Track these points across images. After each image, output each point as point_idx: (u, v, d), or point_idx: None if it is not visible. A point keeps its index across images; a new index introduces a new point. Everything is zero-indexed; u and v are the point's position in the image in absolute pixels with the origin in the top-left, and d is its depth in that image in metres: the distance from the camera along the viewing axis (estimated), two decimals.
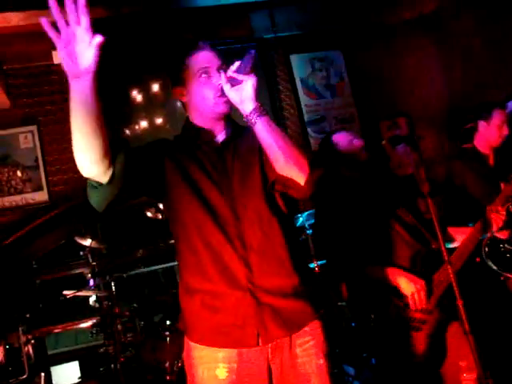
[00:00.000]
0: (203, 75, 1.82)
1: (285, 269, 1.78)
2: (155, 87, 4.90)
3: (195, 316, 1.79)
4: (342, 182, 2.67)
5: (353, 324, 3.10)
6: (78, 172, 5.23)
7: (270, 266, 1.76)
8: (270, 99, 5.12)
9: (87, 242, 4.20)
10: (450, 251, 2.39)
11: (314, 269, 3.82)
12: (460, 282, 2.10)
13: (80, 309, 5.03)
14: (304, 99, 5.20)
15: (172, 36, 4.85)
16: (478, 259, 2.97)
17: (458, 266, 2.46)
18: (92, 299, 4.19)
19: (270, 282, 1.75)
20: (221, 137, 1.90)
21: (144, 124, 4.79)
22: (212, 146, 1.87)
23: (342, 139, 2.79)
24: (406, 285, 2.37)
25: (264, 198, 1.80)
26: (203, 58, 1.83)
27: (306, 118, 5.17)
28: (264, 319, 1.73)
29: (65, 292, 4.10)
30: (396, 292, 2.40)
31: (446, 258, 2.14)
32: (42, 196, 4.53)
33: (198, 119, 1.90)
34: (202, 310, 1.77)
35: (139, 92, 4.87)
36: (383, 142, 5.26)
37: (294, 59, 5.23)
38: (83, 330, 4.58)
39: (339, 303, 3.83)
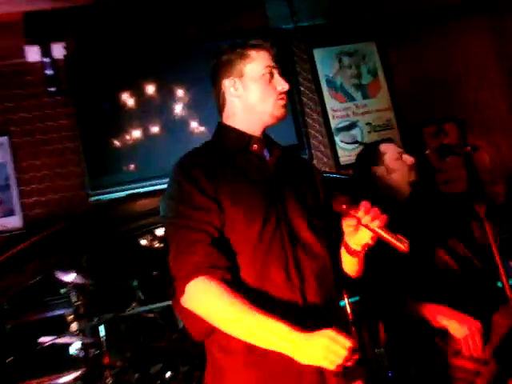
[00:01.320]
0: (267, 74, 2.00)
1: (336, 308, 1.99)
2: (150, 90, 4.96)
3: (236, 376, 1.84)
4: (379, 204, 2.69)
5: (390, 374, 3.08)
6: (58, 192, 5.25)
7: (324, 304, 1.89)
8: (289, 103, 5.14)
9: (70, 278, 4.23)
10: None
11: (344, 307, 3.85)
12: None
13: (60, 359, 5.04)
14: (330, 102, 5.23)
15: (173, 28, 4.92)
16: None
17: None
18: (75, 347, 4.21)
19: (325, 322, 1.79)
20: (267, 152, 2.04)
21: (137, 134, 4.84)
22: (264, 162, 2.00)
23: (390, 151, 2.80)
24: (458, 327, 2.36)
25: (319, 220, 1.99)
26: (270, 57, 2.02)
27: (332, 124, 5.18)
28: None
29: (42, 339, 4.11)
30: (443, 335, 2.38)
31: (511, 296, 2.12)
32: (14, 222, 4.57)
33: (242, 123, 2.04)
34: (246, 370, 1.82)
35: (131, 96, 4.92)
36: (427, 153, 5.29)
37: (318, 54, 5.28)
38: None
39: (376, 350, 3.81)
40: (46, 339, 4.07)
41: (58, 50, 4.77)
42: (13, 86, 4.82)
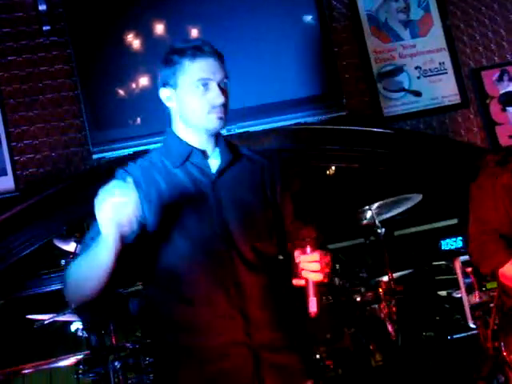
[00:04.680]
0: (201, 87, 2.23)
1: (283, 320, 2.25)
2: (159, 29, 4.93)
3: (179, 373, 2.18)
4: None
5: None
6: (55, 149, 5.24)
7: (269, 317, 2.20)
8: (321, 44, 5.09)
9: (70, 247, 4.26)
10: None
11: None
12: None
13: (59, 340, 5.13)
14: (372, 42, 5.16)
15: None
16: None
17: None
18: (76, 326, 4.26)
19: (269, 335, 2.19)
20: (215, 161, 2.31)
21: (145, 81, 4.82)
22: (205, 174, 2.27)
23: None
24: None
25: (263, 242, 2.26)
26: (206, 68, 2.24)
27: (374, 69, 5.12)
28: (265, 380, 2.15)
29: (37, 317, 4.17)
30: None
31: None
32: (5, 183, 4.60)
33: (185, 132, 2.32)
34: (190, 368, 2.16)
35: (137, 36, 4.90)
36: (488, 102, 5.22)
37: None
38: (63, 369, 4.66)
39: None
40: (42, 317, 4.12)
41: None
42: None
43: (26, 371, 4.37)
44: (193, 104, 2.23)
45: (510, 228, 2.75)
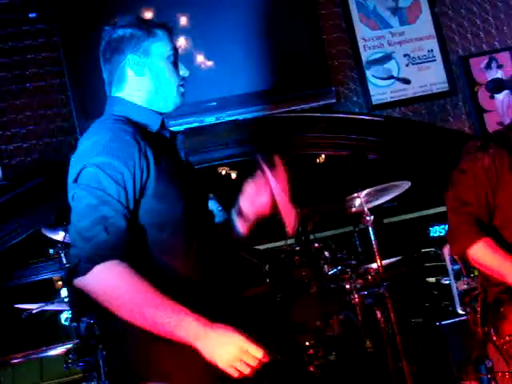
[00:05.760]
0: (172, 57, 2.20)
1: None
2: (147, 16, 4.90)
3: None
4: None
5: None
6: (43, 137, 5.19)
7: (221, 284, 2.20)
8: (308, 31, 5.07)
9: (59, 236, 4.24)
10: None
11: None
12: None
13: (49, 330, 5.11)
14: (361, 30, 5.15)
15: None
16: None
17: None
18: (66, 316, 4.24)
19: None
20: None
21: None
22: (172, 144, 2.22)
23: None
24: None
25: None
26: (173, 41, 2.23)
27: (363, 56, 5.12)
28: None
29: (25, 306, 4.15)
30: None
31: None
32: None
33: (146, 103, 2.21)
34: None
35: None
36: (476, 89, 5.21)
37: None
38: (54, 359, 4.65)
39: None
40: (30, 307, 4.10)
41: None
42: None
43: (16, 361, 4.35)
44: (167, 74, 2.18)
45: (488, 213, 2.77)
